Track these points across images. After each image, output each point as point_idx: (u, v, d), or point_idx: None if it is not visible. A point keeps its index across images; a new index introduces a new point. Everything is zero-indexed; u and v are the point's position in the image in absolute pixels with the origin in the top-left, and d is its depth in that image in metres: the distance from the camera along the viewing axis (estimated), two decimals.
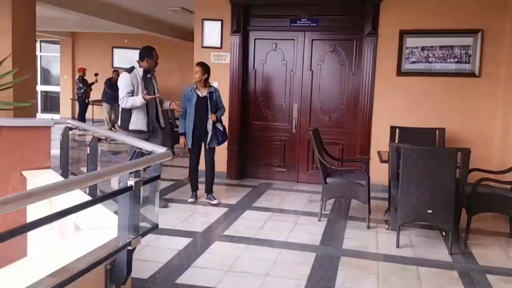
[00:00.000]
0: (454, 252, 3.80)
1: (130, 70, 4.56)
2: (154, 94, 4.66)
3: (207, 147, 4.96)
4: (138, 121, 4.51)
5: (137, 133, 4.41)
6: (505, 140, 5.34)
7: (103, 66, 12.97)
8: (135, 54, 14.48)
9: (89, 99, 12.14)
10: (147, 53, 4.59)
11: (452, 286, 3.21)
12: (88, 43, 13.86)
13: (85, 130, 4.41)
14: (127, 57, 13.48)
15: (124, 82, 4.49)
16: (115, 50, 13.77)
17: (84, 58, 13.78)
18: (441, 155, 3.82)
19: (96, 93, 12.06)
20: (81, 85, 11.80)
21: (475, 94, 5.56)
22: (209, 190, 5.11)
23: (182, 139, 4.97)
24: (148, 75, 4.65)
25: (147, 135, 4.52)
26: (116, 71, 11.60)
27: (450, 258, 3.71)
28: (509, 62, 5.32)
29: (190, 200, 5.09)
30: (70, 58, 14.12)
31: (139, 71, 4.55)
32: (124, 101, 4.45)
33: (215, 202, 5.03)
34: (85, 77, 11.94)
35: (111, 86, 11.28)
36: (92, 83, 12.00)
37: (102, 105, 11.96)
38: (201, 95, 4.88)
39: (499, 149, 5.44)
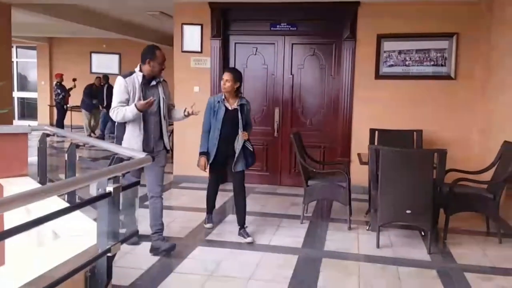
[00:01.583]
0: (433, 252, 3.87)
1: (127, 73, 3.58)
2: (159, 103, 3.60)
3: (233, 171, 4.09)
4: (131, 140, 3.50)
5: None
6: (481, 140, 5.48)
7: (81, 72, 12.79)
8: (114, 59, 14.29)
9: (68, 105, 11.96)
10: (149, 53, 3.54)
11: (432, 285, 3.27)
12: (65, 49, 13.67)
13: (63, 136, 4.33)
14: (105, 62, 13.36)
15: (117, 89, 3.52)
16: (94, 55, 13.61)
17: (61, 64, 13.58)
18: (418, 156, 3.90)
19: (75, 99, 11.89)
20: (59, 91, 11.62)
21: (451, 96, 5.69)
22: (241, 223, 4.15)
23: (202, 159, 4.07)
24: (153, 82, 3.58)
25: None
26: (99, 78, 11.47)
27: (429, 258, 3.78)
28: (483, 65, 5.47)
29: (207, 226, 4.36)
30: (47, 63, 13.91)
31: (138, 76, 3.53)
32: (114, 113, 3.49)
33: (249, 240, 4.00)
34: (63, 83, 11.76)
35: (91, 93, 11.15)
36: (71, 89, 11.83)
37: (81, 111, 11.79)
38: (230, 108, 4.03)
39: (476, 149, 5.57)
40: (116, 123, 3.60)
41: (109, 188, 2.02)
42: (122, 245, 2.14)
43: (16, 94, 14.02)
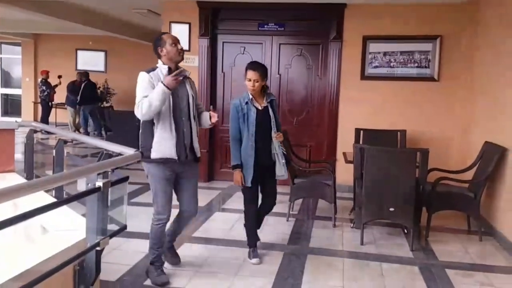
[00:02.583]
0: (415, 249, 3.96)
1: (151, 69, 3.10)
2: (188, 102, 3.11)
3: (270, 179, 3.55)
4: (161, 145, 2.98)
5: (163, 164, 3.00)
6: (463, 141, 5.61)
7: (67, 69, 12.66)
8: (100, 56, 14.20)
9: (53, 102, 11.84)
10: (156, 42, 3.08)
11: (413, 281, 3.36)
12: (51, 45, 13.52)
13: (49, 133, 4.29)
14: (91, 60, 13.26)
15: (140, 84, 3.03)
16: (79, 52, 13.49)
17: (47, 61, 13.42)
18: (401, 155, 3.99)
19: (60, 96, 11.78)
20: (44, 87, 11.50)
21: (434, 97, 5.82)
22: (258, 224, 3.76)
23: (238, 174, 3.43)
24: (180, 77, 3.02)
25: (178, 167, 3.06)
26: (80, 74, 11.37)
27: (411, 254, 3.87)
28: (466, 67, 5.60)
29: (254, 261, 3.55)
30: (32, 60, 13.74)
31: (162, 69, 3.05)
32: (139, 107, 2.98)
33: (254, 261, 3.57)
34: (48, 80, 11.64)
35: (73, 90, 11.05)
36: (56, 86, 11.72)
37: (66, 108, 11.68)
38: (260, 108, 3.48)
39: (458, 149, 5.70)
40: (140, 131, 3.14)
41: (99, 183, 2.04)
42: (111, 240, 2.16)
43: (0, 90, 13.82)
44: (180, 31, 6.24)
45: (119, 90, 12.58)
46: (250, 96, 3.45)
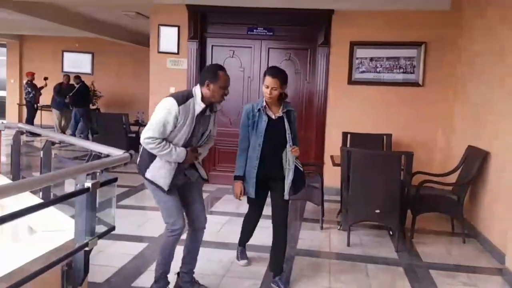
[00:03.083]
0: (400, 250, 4.03)
1: (183, 98, 2.73)
2: (203, 134, 2.90)
3: (278, 198, 3.18)
4: (159, 171, 2.77)
5: (155, 186, 2.80)
6: (447, 145, 5.72)
7: (52, 71, 12.54)
8: (86, 58, 14.08)
9: (38, 104, 11.71)
10: (210, 74, 2.79)
11: (398, 281, 3.42)
12: (36, 47, 13.38)
13: (34, 135, 4.24)
14: (78, 62, 13.15)
15: (163, 115, 2.68)
16: (66, 54, 13.37)
17: (32, 62, 13.27)
18: (386, 158, 4.07)
19: (46, 98, 11.66)
20: (29, 89, 11.37)
21: (419, 102, 5.92)
22: (276, 270, 3.25)
23: (238, 186, 3.18)
24: (208, 113, 2.86)
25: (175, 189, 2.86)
26: (67, 76, 11.28)
27: (396, 256, 3.94)
28: (449, 73, 5.72)
29: (242, 263, 3.55)
30: (18, 61, 13.58)
31: (197, 105, 2.75)
32: (155, 145, 2.69)
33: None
34: (34, 82, 11.51)
35: (59, 92, 10.95)
36: (42, 87, 11.60)
37: (51, 111, 11.56)
38: (273, 117, 3.15)
39: (442, 153, 5.80)
40: (142, 148, 2.85)
41: (88, 184, 2.05)
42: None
43: None
44: (168, 34, 6.27)
45: (106, 93, 12.50)
46: (264, 104, 3.13)
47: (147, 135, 2.69)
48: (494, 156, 4.22)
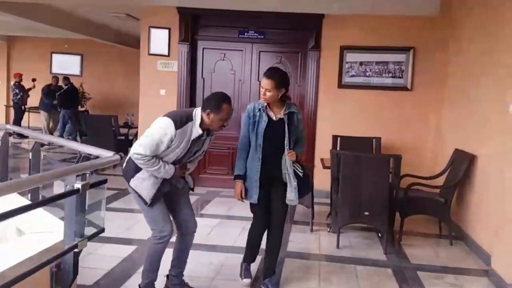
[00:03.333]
0: (389, 252, 4.07)
1: (182, 121, 2.68)
2: (195, 153, 2.87)
3: (278, 200, 3.11)
4: (143, 182, 2.74)
5: (138, 196, 2.78)
6: (435, 148, 5.79)
7: (41, 72, 12.41)
8: (75, 60, 13.94)
9: (26, 106, 11.60)
10: (213, 104, 2.72)
11: (387, 283, 3.45)
12: (25, 48, 13.24)
13: (22, 137, 4.19)
14: (67, 63, 13.04)
15: (158, 136, 2.65)
16: (54, 56, 13.26)
17: (20, 63, 13.14)
18: (375, 161, 4.11)
19: (34, 99, 11.55)
20: (17, 91, 11.27)
21: (408, 106, 5.99)
22: (268, 272, 3.23)
23: (238, 185, 3.11)
24: (204, 136, 2.81)
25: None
26: (56, 78, 11.19)
27: (385, 257, 3.97)
28: (437, 77, 5.79)
29: (245, 281, 3.27)
30: (5, 63, 13.43)
31: (196, 129, 2.72)
32: (144, 162, 2.66)
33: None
34: (21, 83, 11.40)
35: (48, 93, 10.86)
36: (30, 89, 11.49)
37: (39, 112, 11.46)
38: (274, 118, 3.07)
39: (430, 156, 5.87)
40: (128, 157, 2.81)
41: (77, 185, 2.04)
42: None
43: None
44: (159, 36, 6.26)
45: (95, 95, 12.42)
46: (265, 104, 3.05)
47: (138, 151, 2.65)
48: (480, 159, 4.28)
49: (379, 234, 4.46)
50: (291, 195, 3.03)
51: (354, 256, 3.95)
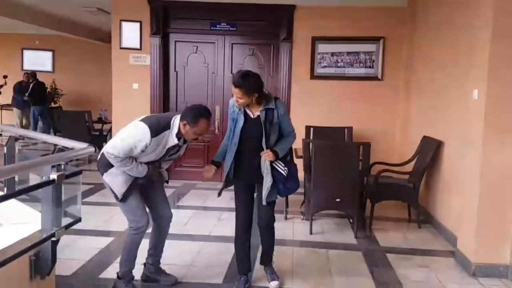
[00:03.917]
0: (359, 236, 4.24)
1: (158, 129, 2.70)
2: (172, 155, 2.94)
3: (260, 201, 3.04)
4: (115, 178, 2.80)
5: (111, 190, 2.85)
6: (404, 136, 6.00)
7: (11, 69, 12.11)
8: (47, 56, 13.60)
9: None
10: (191, 117, 2.73)
11: (357, 265, 3.61)
12: None
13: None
14: (38, 59, 12.79)
15: (133, 141, 2.68)
16: (26, 52, 12.97)
17: None
18: (345, 149, 4.25)
19: (6, 96, 11.30)
20: None
21: (379, 96, 6.17)
22: (265, 261, 3.27)
23: (206, 167, 3.11)
24: (181, 143, 2.86)
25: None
26: (27, 74, 10.97)
27: (355, 241, 4.14)
28: (406, 67, 6.00)
29: None
30: None
31: (172, 139, 2.76)
32: (117, 161, 2.72)
33: (274, 285, 3.14)
34: None
35: (20, 90, 10.66)
36: (1, 86, 11.22)
37: (12, 110, 11.23)
38: (252, 116, 2.95)
39: (400, 144, 6.09)
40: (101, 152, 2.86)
41: (53, 176, 2.09)
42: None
43: None
44: (130, 29, 6.25)
45: (68, 91, 12.24)
46: None
47: (111, 151, 2.70)
48: (447, 145, 4.48)
49: (351, 220, 4.62)
50: (269, 195, 2.96)
51: (326, 241, 4.11)
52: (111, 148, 2.71)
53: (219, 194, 3.18)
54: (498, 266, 3.42)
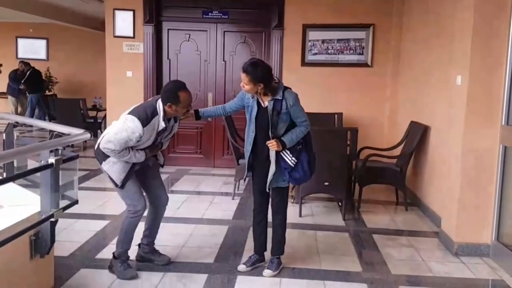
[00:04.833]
0: (347, 218, 4.40)
1: (148, 118, 2.79)
2: (167, 135, 3.05)
3: (272, 188, 3.12)
4: (114, 165, 2.88)
5: (110, 178, 2.94)
6: (392, 121, 6.13)
7: (6, 57, 12.12)
8: (41, 44, 13.53)
9: None
10: (171, 97, 2.82)
11: (343, 245, 3.76)
12: None
13: None
14: (32, 47, 12.77)
15: (126, 134, 2.75)
16: (20, 40, 12.94)
17: None
18: (333, 134, 4.38)
19: (1, 85, 11.33)
20: None
21: (368, 82, 6.28)
22: (274, 250, 3.25)
23: (189, 115, 3.09)
24: (172, 122, 3.02)
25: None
26: (22, 63, 10.99)
27: (343, 223, 4.30)
28: (395, 54, 6.10)
29: (241, 267, 3.20)
30: None
31: (161, 122, 2.84)
32: (114, 154, 2.81)
33: (266, 273, 3.14)
34: None
35: (15, 78, 10.69)
36: None
37: (7, 98, 11.28)
38: (263, 105, 3.04)
39: (388, 129, 6.22)
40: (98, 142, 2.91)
41: (51, 160, 2.22)
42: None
43: None
44: (124, 18, 6.30)
45: (62, 79, 12.26)
46: None
47: (108, 146, 2.78)
48: (433, 130, 4.61)
49: (339, 203, 4.77)
50: (274, 181, 3.03)
51: (314, 223, 4.26)
52: (107, 143, 2.79)
53: (244, 180, 3.50)
54: (480, 245, 3.56)
